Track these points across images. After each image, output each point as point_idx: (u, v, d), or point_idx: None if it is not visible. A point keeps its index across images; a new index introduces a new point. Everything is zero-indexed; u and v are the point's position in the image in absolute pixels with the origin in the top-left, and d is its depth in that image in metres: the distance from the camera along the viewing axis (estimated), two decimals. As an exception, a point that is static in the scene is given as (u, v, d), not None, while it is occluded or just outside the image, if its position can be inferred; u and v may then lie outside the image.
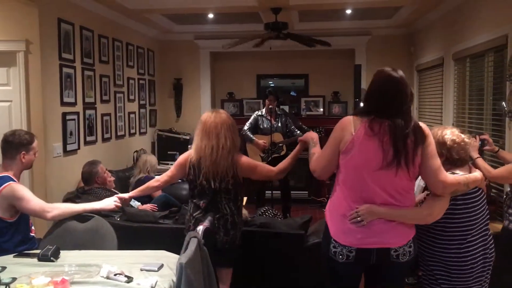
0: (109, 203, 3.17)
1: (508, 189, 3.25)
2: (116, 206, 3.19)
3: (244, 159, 3.03)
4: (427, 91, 6.66)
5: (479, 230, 2.56)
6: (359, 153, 2.25)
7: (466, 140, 2.60)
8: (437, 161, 2.30)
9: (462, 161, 2.57)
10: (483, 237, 2.57)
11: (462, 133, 2.64)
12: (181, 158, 3.10)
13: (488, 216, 2.65)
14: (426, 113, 6.69)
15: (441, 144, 2.58)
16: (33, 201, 2.83)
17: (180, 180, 3.26)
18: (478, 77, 4.91)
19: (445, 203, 2.41)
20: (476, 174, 2.54)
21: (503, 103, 4.01)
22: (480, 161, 3.26)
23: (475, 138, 3.41)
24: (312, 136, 2.76)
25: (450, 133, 2.60)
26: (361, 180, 2.28)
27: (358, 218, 2.27)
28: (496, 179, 3.35)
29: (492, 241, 2.64)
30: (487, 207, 2.64)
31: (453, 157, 2.56)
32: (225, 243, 2.96)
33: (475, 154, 3.32)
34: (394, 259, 2.29)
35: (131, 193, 3.32)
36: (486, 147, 3.51)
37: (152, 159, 5.32)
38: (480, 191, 2.59)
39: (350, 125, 2.29)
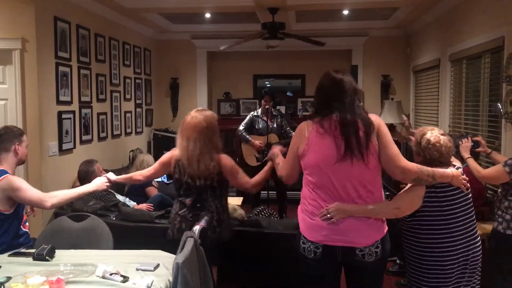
0: (101, 183, 3.11)
1: (499, 190, 3.25)
2: (107, 186, 3.14)
3: (228, 161, 3.02)
4: (423, 92, 6.68)
5: (459, 230, 2.54)
6: (315, 153, 2.33)
7: (445, 142, 2.59)
8: (394, 148, 2.33)
9: (435, 162, 2.57)
10: (465, 238, 2.56)
11: (443, 134, 2.63)
12: (166, 156, 3.12)
13: (474, 217, 2.63)
14: (422, 114, 6.70)
15: (417, 144, 2.64)
16: (31, 191, 2.83)
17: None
18: (475, 78, 4.93)
19: (414, 198, 2.43)
20: (448, 170, 2.50)
21: (499, 104, 4.02)
22: (471, 161, 3.28)
23: (467, 139, 3.43)
24: (274, 151, 2.94)
25: (430, 134, 2.62)
26: (323, 176, 2.32)
27: (328, 215, 2.29)
28: (485, 179, 3.36)
29: (478, 243, 2.62)
30: (472, 208, 2.63)
31: (427, 157, 2.59)
32: (212, 241, 2.95)
33: (466, 154, 3.34)
34: (359, 258, 2.31)
35: (117, 177, 3.20)
36: (479, 149, 3.52)
37: (149, 158, 5.30)
38: (458, 190, 2.56)
39: (304, 130, 2.40)
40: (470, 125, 4.89)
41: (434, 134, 2.61)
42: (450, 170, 2.51)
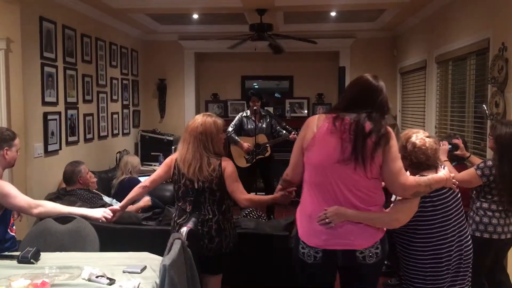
0: (98, 213, 3.06)
1: (474, 193, 3.27)
2: (105, 218, 3.06)
3: (230, 165, 2.98)
4: (410, 93, 6.73)
5: (453, 230, 2.56)
6: (319, 149, 2.31)
7: (431, 145, 2.59)
8: (397, 164, 2.31)
9: (423, 165, 2.58)
10: (459, 237, 2.58)
11: (428, 137, 2.64)
12: (168, 158, 3.12)
13: (464, 216, 2.66)
14: (409, 115, 6.75)
15: (403, 147, 2.62)
16: (19, 197, 2.80)
17: (163, 182, 3.23)
18: (460, 80, 4.98)
19: (412, 208, 2.42)
20: (440, 174, 2.53)
21: (484, 105, 4.07)
22: (447, 164, 3.30)
23: (442, 143, 3.46)
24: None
25: (415, 137, 2.61)
26: (323, 175, 2.31)
27: (326, 220, 2.28)
28: (459, 183, 3.39)
29: (469, 241, 2.66)
30: (462, 207, 2.65)
31: (413, 160, 2.59)
32: (209, 251, 2.91)
33: (443, 157, 3.35)
34: (360, 260, 2.31)
35: (122, 203, 3.18)
36: (458, 152, 3.55)
37: (134, 159, 5.23)
38: (451, 191, 2.59)
39: (313, 123, 2.37)
40: (456, 126, 4.94)
41: (419, 137, 2.60)
42: (443, 174, 2.53)
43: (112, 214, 3.09)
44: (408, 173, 2.49)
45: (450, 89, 5.23)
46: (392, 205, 2.47)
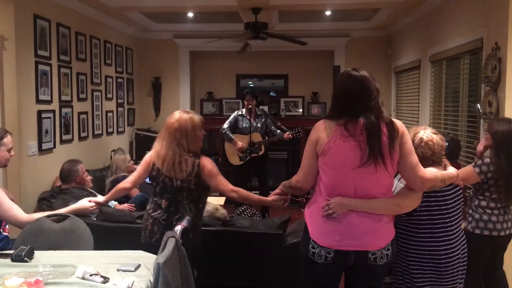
0: (85, 202, 3.09)
1: (471, 189, 3.31)
2: (92, 208, 3.11)
3: (208, 162, 2.96)
4: (404, 92, 6.75)
5: (455, 227, 2.60)
6: (336, 155, 2.27)
7: (437, 141, 2.63)
8: (415, 157, 2.34)
9: (428, 160, 2.62)
10: (459, 233, 2.63)
11: (435, 133, 2.68)
12: (147, 155, 3.08)
13: (461, 214, 2.70)
14: (403, 114, 6.77)
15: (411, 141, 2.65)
16: (11, 207, 2.79)
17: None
18: (454, 79, 5.00)
19: (416, 198, 2.44)
20: (452, 171, 2.60)
21: (478, 105, 4.09)
22: (446, 162, 3.33)
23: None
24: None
25: (423, 133, 2.66)
26: (340, 180, 2.30)
27: (330, 211, 2.28)
28: None
29: (464, 238, 2.70)
30: (462, 205, 2.70)
31: (419, 155, 2.61)
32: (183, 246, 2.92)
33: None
34: (371, 261, 2.30)
35: (105, 197, 3.22)
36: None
37: (118, 158, 5.16)
38: (457, 188, 2.64)
39: (324, 129, 2.31)
40: (450, 125, 4.96)
41: (427, 133, 2.66)
42: (454, 170, 2.60)
43: (94, 208, 3.13)
44: None
45: (444, 88, 5.25)
46: (396, 193, 2.48)
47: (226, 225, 3.56)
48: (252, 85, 8.23)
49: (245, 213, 4.51)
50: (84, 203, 3.11)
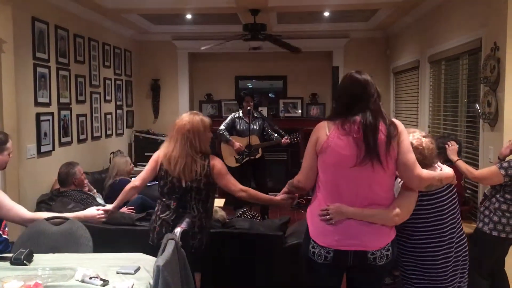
0: (92, 211, 3.08)
1: (487, 189, 3.30)
2: (100, 217, 3.08)
3: (218, 162, 3.01)
4: (403, 93, 6.75)
5: (450, 227, 2.57)
6: (334, 152, 2.30)
7: (427, 144, 2.60)
8: (412, 156, 2.35)
9: (421, 165, 2.54)
10: (458, 234, 2.60)
11: (425, 137, 2.65)
12: (155, 154, 3.11)
13: (460, 215, 2.68)
14: (402, 115, 6.77)
15: None
16: (12, 211, 2.80)
17: (156, 182, 3.22)
18: (453, 79, 5.00)
19: (411, 203, 2.44)
20: (449, 171, 2.59)
21: (477, 105, 4.09)
22: (461, 163, 3.33)
23: (450, 143, 3.50)
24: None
25: (411, 137, 2.61)
26: (338, 179, 2.32)
27: (327, 216, 2.30)
28: (478, 179, 3.41)
29: (465, 239, 2.67)
30: (458, 205, 2.67)
31: None
32: (191, 248, 2.91)
33: (454, 157, 3.39)
34: (371, 262, 2.31)
35: (114, 204, 3.19)
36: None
37: (120, 161, 5.12)
38: (450, 188, 2.61)
39: (324, 128, 2.36)
40: (449, 126, 4.96)
41: (415, 137, 2.61)
42: (450, 170, 2.59)
43: (103, 217, 3.10)
44: None
45: (443, 89, 5.25)
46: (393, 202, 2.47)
47: (226, 227, 3.56)
48: (250, 86, 8.23)
49: (245, 215, 4.51)
50: (92, 211, 3.10)
